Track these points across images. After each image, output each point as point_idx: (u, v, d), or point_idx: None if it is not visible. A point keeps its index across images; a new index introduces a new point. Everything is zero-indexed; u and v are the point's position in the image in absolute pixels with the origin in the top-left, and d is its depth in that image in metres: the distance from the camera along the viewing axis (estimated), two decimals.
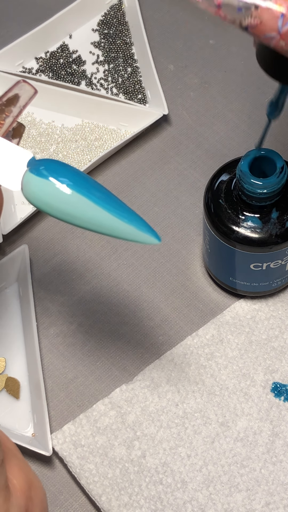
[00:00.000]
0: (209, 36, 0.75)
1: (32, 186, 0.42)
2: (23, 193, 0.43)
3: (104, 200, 0.42)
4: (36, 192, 0.42)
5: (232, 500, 0.54)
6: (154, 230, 0.43)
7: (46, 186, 0.42)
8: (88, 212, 0.42)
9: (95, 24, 0.76)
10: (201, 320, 0.61)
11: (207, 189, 0.56)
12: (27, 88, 0.45)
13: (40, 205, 0.42)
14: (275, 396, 0.57)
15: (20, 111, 0.45)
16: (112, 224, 0.42)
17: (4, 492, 0.39)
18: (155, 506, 0.54)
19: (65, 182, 0.42)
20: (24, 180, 0.43)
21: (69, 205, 0.42)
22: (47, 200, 0.42)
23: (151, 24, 0.76)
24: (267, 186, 0.52)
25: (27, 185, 0.42)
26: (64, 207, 0.42)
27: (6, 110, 0.45)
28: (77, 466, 0.56)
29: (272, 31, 0.34)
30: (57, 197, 0.42)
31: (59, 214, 0.42)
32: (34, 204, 0.43)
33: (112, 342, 0.61)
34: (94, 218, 0.42)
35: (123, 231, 0.42)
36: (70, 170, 0.43)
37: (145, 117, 0.68)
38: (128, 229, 0.42)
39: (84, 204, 0.42)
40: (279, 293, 0.61)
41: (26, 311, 0.61)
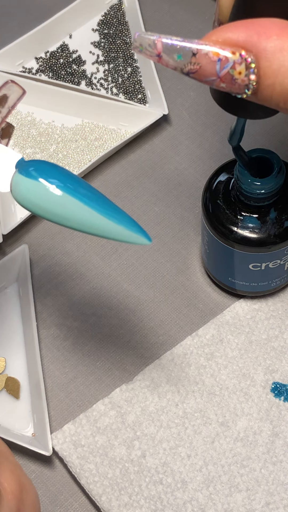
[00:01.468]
0: None
1: (21, 187, 0.42)
2: (12, 194, 0.43)
3: (93, 200, 0.42)
4: (25, 193, 0.42)
5: (232, 500, 0.54)
6: (144, 231, 0.43)
7: (35, 187, 0.42)
8: (77, 213, 0.42)
9: (95, 24, 0.76)
10: (201, 320, 0.61)
11: (205, 189, 0.56)
12: (15, 88, 0.45)
13: (30, 206, 0.42)
14: (275, 396, 0.57)
15: (9, 111, 0.45)
16: (102, 225, 0.42)
17: None
18: (155, 506, 0.54)
19: (54, 183, 0.41)
20: (13, 181, 0.42)
21: (59, 206, 0.42)
22: (36, 201, 0.42)
23: (151, 24, 0.76)
24: (265, 186, 0.52)
25: (16, 186, 0.42)
26: (53, 208, 0.42)
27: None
28: (77, 466, 0.56)
29: (212, 75, 0.35)
30: (46, 198, 0.42)
31: (49, 215, 0.42)
32: (23, 205, 0.42)
33: (112, 342, 0.61)
34: (83, 219, 0.42)
35: (113, 232, 0.42)
36: (60, 171, 0.42)
37: (145, 117, 0.68)
38: (118, 230, 0.42)
39: (73, 205, 0.42)
40: (279, 293, 0.61)
41: (26, 311, 0.61)
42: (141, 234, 0.43)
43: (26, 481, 0.41)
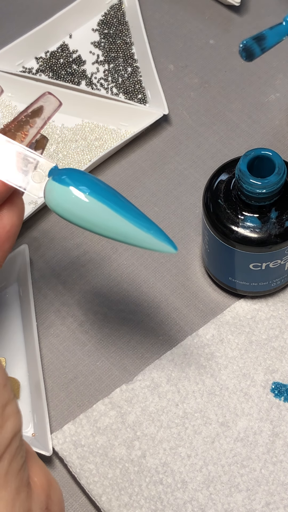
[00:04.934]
0: (209, 36, 0.75)
1: (54, 193, 0.43)
2: (45, 200, 0.44)
3: (124, 208, 0.43)
4: (57, 199, 0.43)
5: (232, 500, 0.54)
6: (171, 239, 0.44)
7: (68, 194, 0.43)
8: (108, 220, 0.43)
9: (95, 24, 0.76)
10: (201, 320, 0.61)
11: (206, 189, 0.56)
12: (52, 100, 0.46)
13: (62, 212, 0.44)
14: (275, 396, 0.57)
15: (44, 122, 0.46)
16: (131, 232, 0.44)
17: (26, 489, 0.40)
18: (155, 506, 0.54)
19: (86, 191, 0.43)
20: (47, 188, 0.44)
21: (90, 212, 0.43)
22: (68, 207, 0.43)
23: (151, 24, 0.76)
24: (266, 186, 0.52)
25: (49, 192, 0.44)
26: (85, 215, 0.43)
27: (31, 121, 0.46)
28: (77, 466, 0.56)
29: None
30: (78, 205, 0.43)
31: (80, 221, 0.43)
32: (56, 210, 0.44)
33: (112, 342, 0.61)
34: (113, 226, 0.43)
35: (142, 240, 0.44)
36: (91, 179, 0.44)
37: (145, 117, 0.68)
38: (146, 238, 0.44)
39: (104, 212, 0.43)
40: (279, 293, 0.61)
41: (26, 311, 0.61)
42: (168, 242, 0.44)
43: (53, 479, 0.42)
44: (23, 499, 0.39)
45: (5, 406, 0.39)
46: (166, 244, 0.44)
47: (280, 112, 0.70)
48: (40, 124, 0.46)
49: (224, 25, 0.76)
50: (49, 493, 0.41)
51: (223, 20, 0.76)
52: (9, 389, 0.40)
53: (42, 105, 0.46)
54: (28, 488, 0.40)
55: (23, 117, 0.45)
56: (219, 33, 0.75)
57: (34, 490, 0.40)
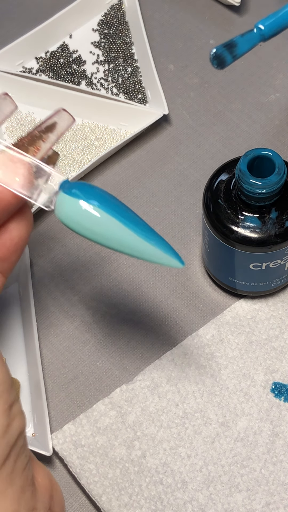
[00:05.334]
0: (209, 36, 0.75)
1: (64, 206, 0.44)
2: (56, 213, 0.44)
3: (133, 222, 0.44)
4: (68, 212, 0.44)
5: (232, 500, 0.54)
6: (178, 254, 0.45)
7: (78, 206, 0.43)
8: (117, 233, 0.44)
9: (95, 24, 0.76)
10: (201, 320, 0.61)
11: (206, 188, 0.56)
12: (66, 116, 0.47)
13: (72, 224, 0.44)
14: (275, 396, 0.57)
15: (57, 138, 0.46)
16: (139, 246, 0.44)
17: (31, 488, 0.40)
18: (155, 506, 0.54)
19: (96, 204, 0.43)
20: (57, 200, 0.44)
21: (99, 225, 0.44)
22: (79, 219, 0.44)
23: (151, 24, 0.76)
24: (266, 186, 0.52)
25: (59, 205, 0.44)
26: (94, 227, 0.44)
27: (44, 136, 0.46)
28: (77, 466, 0.56)
29: None
30: (88, 217, 0.43)
31: (89, 233, 0.44)
32: (66, 223, 0.44)
33: (112, 342, 0.61)
34: (122, 239, 0.44)
35: (150, 254, 0.44)
36: (101, 193, 0.44)
37: (145, 117, 0.68)
38: (155, 252, 0.44)
39: (113, 225, 0.44)
40: (279, 293, 0.61)
41: (26, 311, 0.61)
42: (175, 257, 0.45)
43: (54, 481, 0.43)
44: (28, 497, 0.40)
45: (12, 406, 0.40)
46: (173, 258, 0.45)
47: (280, 112, 0.70)
48: (53, 140, 0.46)
49: (224, 25, 0.76)
50: (51, 494, 0.42)
51: (223, 20, 0.76)
52: (14, 390, 0.41)
53: (56, 121, 0.46)
54: (33, 487, 0.41)
55: (36, 132, 0.46)
56: (219, 33, 0.75)
57: (38, 490, 0.41)
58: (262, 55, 0.74)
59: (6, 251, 0.46)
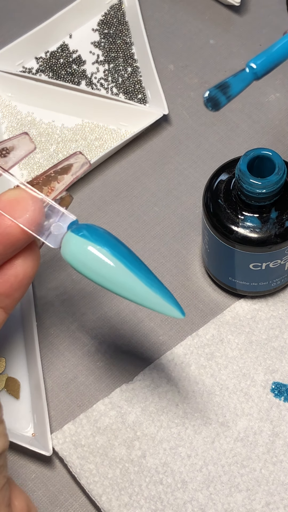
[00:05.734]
0: (209, 36, 0.75)
1: (72, 246, 0.44)
2: (62, 251, 0.45)
3: (138, 269, 0.44)
4: (74, 252, 0.44)
5: (232, 500, 0.54)
6: (179, 304, 0.45)
7: (84, 247, 0.43)
8: (122, 278, 0.44)
9: (95, 24, 0.76)
10: (201, 320, 0.61)
11: (206, 188, 0.56)
12: (82, 159, 0.47)
13: (77, 264, 0.44)
14: (275, 396, 0.57)
15: (72, 180, 0.46)
16: (143, 293, 0.44)
17: (7, 509, 0.40)
18: (155, 506, 0.54)
19: (104, 247, 0.43)
20: (64, 240, 0.44)
21: (105, 269, 0.43)
22: (84, 260, 0.44)
23: (151, 24, 0.76)
24: (266, 186, 0.52)
25: (65, 244, 0.44)
26: (100, 270, 0.44)
27: (59, 177, 0.46)
28: (77, 466, 0.56)
29: None
30: (94, 259, 0.44)
31: (94, 275, 0.44)
32: (71, 263, 0.44)
33: (112, 342, 0.61)
34: (127, 285, 0.44)
35: (151, 301, 0.44)
36: (109, 236, 0.44)
37: (145, 117, 0.68)
38: (157, 300, 0.44)
39: (120, 270, 0.44)
40: (279, 293, 0.61)
41: (26, 312, 0.61)
42: (176, 307, 0.44)
43: (33, 506, 0.43)
44: None
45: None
46: (175, 308, 0.44)
47: (280, 112, 0.70)
48: (68, 181, 0.46)
49: (224, 25, 0.76)
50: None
51: (223, 20, 0.76)
52: (1, 409, 0.40)
53: (72, 163, 0.47)
54: (9, 508, 0.40)
55: (52, 172, 0.46)
56: (219, 33, 0.75)
57: None
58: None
59: (9, 287, 0.45)
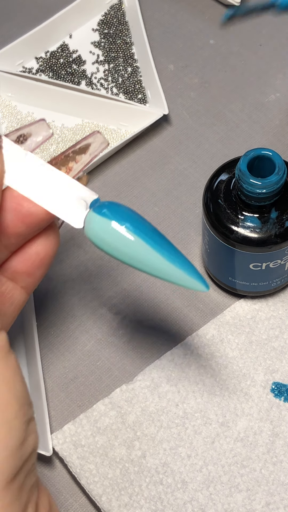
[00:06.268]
0: (209, 36, 0.75)
1: (94, 225, 0.44)
2: (85, 231, 0.45)
3: (161, 245, 0.44)
4: (97, 230, 0.44)
5: (232, 500, 0.54)
6: (203, 278, 0.45)
7: (107, 226, 0.44)
8: (144, 255, 0.44)
9: (95, 24, 0.76)
10: (201, 320, 0.61)
11: (206, 188, 0.56)
12: (100, 139, 0.47)
13: (100, 243, 0.44)
14: (275, 396, 0.57)
15: (90, 160, 0.47)
16: (166, 269, 0.44)
17: (33, 508, 0.40)
18: (155, 506, 0.54)
19: (125, 224, 0.44)
20: (87, 219, 0.45)
21: (127, 246, 0.44)
22: (107, 239, 0.44)
23: (151, 24, 0.76)
24: (266, 186, 0.52)
25: (88, 224, 0.44)
26: (122, 248, 0.44)
27: (77, 157, 0.46)
28: (77, 466, 0.56)
29: None
30: (117, 237, 0.44)
31: (117, 253, 0.44)
32: (94, 242, 0.44)
33: (112, 342, 0.61)
34: (149, 261, 0.44)
35: (175, 276, 0.44)
36: (131, 213, 0.45)
37: (145, 117, 0.68)
38: (180, 275, 0.44)
39: (141, 247, 0.44)
40: (279, 293, 0.61)
41: (26, 312, 0.61)
42: (200, 280, 0.45)
43: (53, 502, 0.43)
44: None
45: (29, 422, 0.40)
46: (199, 282, 0.45)
47: (280, 112, 0.70)
48: (86, 161, 0.47)
49: (224, 25, 0.76)
50: None
51: None
52: (32, 408, 0.41)
53: (90, 142, 0.47)
54: (35, 508, 0.41)
55: (70, 153, 0.46)
56: (219, 33, 0.75)
57: None
58: (262, 55, 0.74)
59: (31, 266, 0.46)
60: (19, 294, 0.47)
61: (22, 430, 0.39)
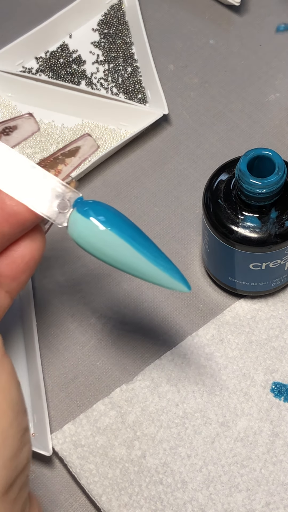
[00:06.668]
0: (209, 36, 0.75)
1: (78, 225, 0.44)
2: (68, 230, 0.45)
3: (144, 246, 0.44)
4: (80, 231, 0.44)
5: (232, 500, 0.54)
6: (185, 279, 0.45)
7: (90, 227, 0.44)
8: (128, 257, 0.44)
9: (95, 24, 0.76)
10: (201, 320, 0.61)
11: (206, 188, 0.56)
12: (90, 142, 0.47)
13: (83, 243, 0.44)
14: (275, 396, 0.57)
15: (80, 163, 0.46)
16: (149, 270, 0.45)
17: None
18: (155, 506, 0.54)
19: (108, 225, 0.44)
20: (70, 219, 0.44)
21: (110, 247, 0.44)
22: (91, 240, 0.44)
23: (151, 24, 0.76)
24: (266, 186, 0.52)
25: (73, 223, 0.44)
26: (105, 249, 0.44)
27: (67, 160, 0.46)
28: (77, 466, 0.56)
29: None
30: (99, 238, 0.44)
31: (100, 254, 0.44)
32: (77, 241, 0.44)
33: (112, 342, 0.61)
34: (132, 263, 0.44)
35: (157, 278, 0.45)
36: (115, 214, 0.44)
37: (145, 117, 0.68)
38: (162, 276, 0.45)
39: (124, 248, 0.44)
40: (279, 293, 0.61)
41: (26, 311, 0.61)
42: (182, 282, 0.45)
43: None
44: None
45: (24, 432, 0.39)
46: (180, 283, 0.45)
47: (280, 112, 0.70)
48: (75, 164, 0.46)
49: (224, 25, 0.76)
50: None
51: (223, 20, 0.76)
52: (27, 416, 0.40)
53: (80, 145, 0.46)
54: None
55: (59, 155, 0.46)
56: (219, 33, 0.75)
57: None
58: (262, 55, 0.74)
59: (16, 269, 0.45)
60: (3, 299, 0.46)
61: (17, 440, 0.38)
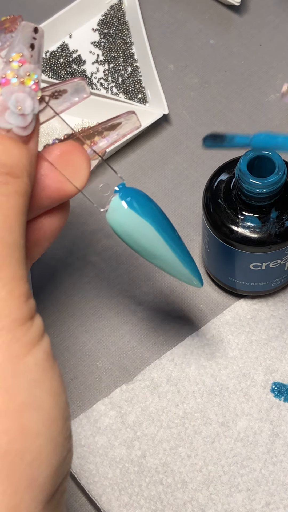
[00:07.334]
0: (209, 36, 0.75)
1: (119, 213, 0.44)
2: (107, 216, 0.44)
3: (175, 242, 0.46)
4: (119, 219, 0.44)
5: (232, 500, 0.54)
6: (200, 275, 0.48)
7: (132, 218, 0.44)
8: (159, 250, 0.45)
9: (95, 24, 0.76)
10: (201, 320, 0.61)
11: (206, 188, 0.56)
12: (133, 120, 0.46)
13: (121, 232, 0.44)
14: (275, 396, 0.57)
15: (117, 140, 0.45)
16: (174, 264, 0.46)
17: None
18: (155, 506, 0.54)
19: (149, 219, 0.44)
20: (111, 205, 0.44)
21: (146, 239, 0.44)
22: (128, 229, 0.44)
23: (151, 24, 0.76)
24: (266, 186, 0.52)
25: (113, 210, 0.44)
26: (141, 240, 0.44)
27: (105, 133, 0.45)
28: (77, 466, 0.56)
29: None
30: (138, 231, 0.44)
31: (134, 244, 0.45)
32: (114, 228, 0.44)
33: (112, 342, 0.61)
34: (161, 255, 0.45)
35: (179, 272, 0.47)
36: (155, 207, 0.45)
37: (145, 117, 0.68)
38: (183, 271, 0.47)
39: (159, 243, 0.45)
40: (279, 293, 0.61)
41: None
42: (198, 278, 0.48)
43: None
44: None
45: (69, 438, 0.38)
46: (196, 279, 0.48)
47: (280, 112, 0.70)
48: (113, 139, 0.45)
49: (224, 25, 0.76)
50: None
51: (223, 20, 0.76)
52: (70, 421, 0.39)
53: (121, 122, 0.46)
54: None
55: (99, 128, 0.45)
56: (219, 33, 0.75)
57: None
58: (262, 55, 0.74)
59: (43, 235, 0.44)
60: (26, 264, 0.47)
61: (64, 447, 0.37)
